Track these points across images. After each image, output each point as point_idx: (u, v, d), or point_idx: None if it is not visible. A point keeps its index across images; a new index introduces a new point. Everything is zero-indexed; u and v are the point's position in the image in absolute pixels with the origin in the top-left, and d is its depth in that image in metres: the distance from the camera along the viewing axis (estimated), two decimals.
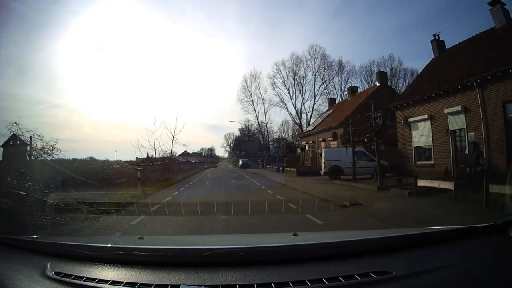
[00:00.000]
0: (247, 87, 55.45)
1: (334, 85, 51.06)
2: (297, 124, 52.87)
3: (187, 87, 75.57)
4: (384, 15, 62.86)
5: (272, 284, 1.40)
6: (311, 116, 50.35)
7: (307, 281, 1.41)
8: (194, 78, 77.46)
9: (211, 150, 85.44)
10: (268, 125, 58.06)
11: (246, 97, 55.37)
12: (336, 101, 43.09)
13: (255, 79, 55.52)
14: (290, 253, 1.72)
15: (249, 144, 59.65)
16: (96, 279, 1.54)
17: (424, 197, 9.30)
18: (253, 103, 55.17)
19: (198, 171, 37.74)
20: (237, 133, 68.27)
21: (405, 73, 45.48)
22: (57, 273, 1.60)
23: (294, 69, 51.01)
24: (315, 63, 50.27)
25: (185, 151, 55.57)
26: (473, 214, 6.78)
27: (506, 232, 1.79)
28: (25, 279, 1.59)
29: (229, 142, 75.21)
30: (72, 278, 1.55)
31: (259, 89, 57.34)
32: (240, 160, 47.69)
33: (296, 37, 70.88)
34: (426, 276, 1.46)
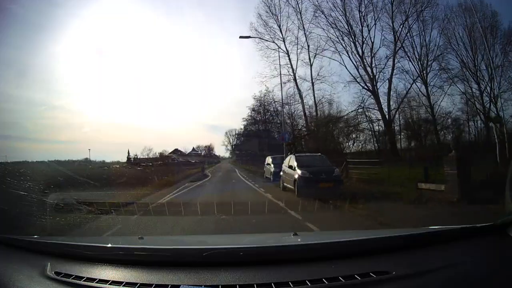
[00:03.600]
0: (273, 6, 26.94)
1: (411, 32, 25.57)
2: (367, 89, 25.98)
3: (184, 86, 71.97)
4: None
5: (272, 284, 1.40)
6: (391, 77, 25.29)
7: (307, 281, 1.41)
8: (191, 77, 75.17)
9: (209, 148, 64.67)
10: (317, 84, 27.28)
11: (269, 30, 26.94)
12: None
13: None
14: (290, 253, 1.72)
15: (253, 142, 31.84)
16: (96, 279, 1.54)
17: None
18: (284, 41, 26.53)
19: None
20: (241, 130, 38.22)
21: None
22: (57, 273, 1.60)
23: None
24: None
25: (176, 149, 48.59)
26: None
27: (506, 232, 1.78)
28: (25, 279, 1.59)
29: (231, 140, 50.78)
30: (72, 278, 1.55)
31: (299, 13, 26.84)
32: (296, 161, 10.48)
33: None
34: (426, 276, 1.46)
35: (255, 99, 31.03)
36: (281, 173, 11.93)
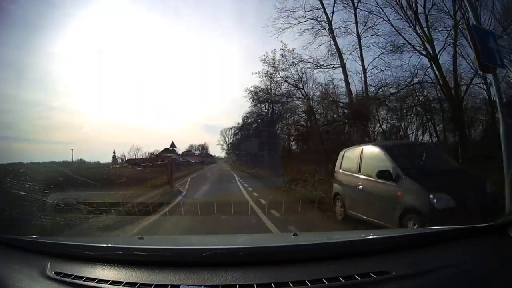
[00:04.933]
0: None
1: None
2: (426, 55, 15.13)
3: (179, 85, 69.91)
4: None
5: (272, 284, 1.40)
6: (455, 39, 13.96)
7: (307, 281, 1.41)
8: (187, 76, 73.64)
9: (203, 147, 56.88)
10: (365, 38, 16.21)
11: None
12: None
13: None
14: (290, 253, 1.72)
15: (253, 140, 23.09)
16: (96, 279, 1.54)
17: None
18: None
19: None
20: (238, 125, 28.51)
21: None
22: (57, 273, 1.60)
23: None
24: None
25: (166, 148, 47.08)
26: None
27: (505, 232, 1.79)
28: (25, 279, 1.59)
29: (227, 139, 44.64)
30: (72, 278, 1.55)
31: None
32: None
33: None
34: (426, 276, 1.46)
35: (265, 62, 18.61)
36: None
